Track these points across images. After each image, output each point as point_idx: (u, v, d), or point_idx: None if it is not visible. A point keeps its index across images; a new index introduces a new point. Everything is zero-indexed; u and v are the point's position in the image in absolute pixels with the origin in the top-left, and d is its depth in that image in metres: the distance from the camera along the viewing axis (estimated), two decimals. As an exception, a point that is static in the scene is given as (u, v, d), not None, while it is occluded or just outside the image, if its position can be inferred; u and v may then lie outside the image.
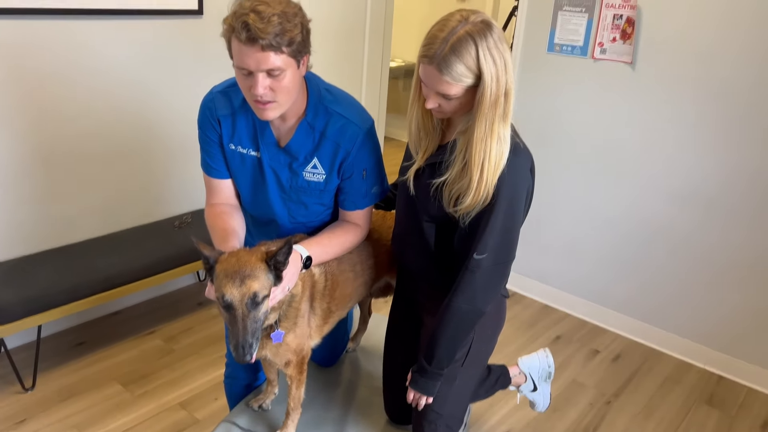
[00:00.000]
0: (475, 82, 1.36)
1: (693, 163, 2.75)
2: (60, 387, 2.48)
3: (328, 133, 1.56)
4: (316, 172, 1.60)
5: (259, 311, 1.34)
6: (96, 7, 2.55)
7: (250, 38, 1.32)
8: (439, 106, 1.42)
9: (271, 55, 1.34)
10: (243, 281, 1.31)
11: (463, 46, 1.32)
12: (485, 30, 1.34)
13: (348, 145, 1.56)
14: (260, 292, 1.32)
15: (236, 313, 1.31)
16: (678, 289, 2.92)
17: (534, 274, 3.41)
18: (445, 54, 1.33)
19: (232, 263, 1.34)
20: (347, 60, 3.55)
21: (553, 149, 3.16)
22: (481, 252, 1.46)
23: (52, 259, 2.58)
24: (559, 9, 2.96)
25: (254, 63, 1.35)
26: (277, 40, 1.33)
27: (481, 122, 1.38)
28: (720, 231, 2.74)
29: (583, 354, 2.97)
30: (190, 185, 3.16)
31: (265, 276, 1.34)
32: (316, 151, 1.58)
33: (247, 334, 1.30)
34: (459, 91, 1.37)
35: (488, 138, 1.38)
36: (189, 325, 2.95)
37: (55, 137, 2.60)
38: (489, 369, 2.00)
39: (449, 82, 1.35)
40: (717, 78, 2.61)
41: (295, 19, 1.37)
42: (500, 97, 1.36)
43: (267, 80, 1.38)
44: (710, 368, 2.91)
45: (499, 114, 1.38)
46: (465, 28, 1.33)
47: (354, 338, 2.16)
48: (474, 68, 1.33)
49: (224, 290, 1.31)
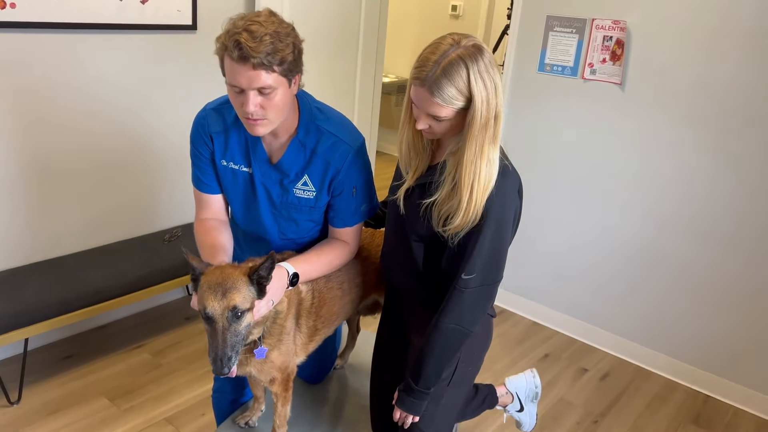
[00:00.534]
0: (466, 104, 1.38)
1: (679, 185, 2.78)
2: (46, 401, 2.47)
3: (319, 150, 1.58)
4: (306, 189, 1.62)
5: (240, 324, 1.34)
6: (91, 22, 2.56)
7: (241, 57, 1.34)
8: (429, 127, 1.44)
9: (263, 73, 1.36)
10: (224, 294, 1.32)
11: (454, 70, 1.34)
12: (476, 54, 1.36)
13: (338, 162, 1.58)
14: (241, 306, 1.33)
15: (217, 325, 1.32)
16: (665, 309, 2.94)
17: (523, 291, 3.43)
18: (437, 77, 1.35)
19: (216, 276, 1.35)
20: (340, 75, 3.58)
21: (543, 168, 3.19)
22: (469, 272, 1.47)
23: (40, 271, 2.57)
24: (550, 29, 3.00)
25: (246, 81, 1.37)
26: (268, 59, 1.35)
27: (471, 144, 1.39)
28: (705, 253, 2.77)
29: (572, 372, 2.98)
30: (180, 199, 3.16)
31: (247, 289, 1.35)
32: (307, 168, 1.59)
33: (226, 347, 1.31)
34: (449, 114, 1.39)
35: (478, 160, 1.40)
36: (177, 340, 2.94)
37: (46, 150, 2.60)
38: (476, 388, 2.00)
39: (440, 105, 1.37)
40: (704, 101, 2.65)
41: (287, 39, 1.39)
42: (490, 120, 1.39)
43: (258, 98, 1.40)
44: (697, 388, 2.92)
45: (488, 136, 1.40)
46: (457, 51, 1.35)
47: (342, 355, 2.16)
48: (465, 91, 1.36)
49: (206, 302, 1.32)
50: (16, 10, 2.34)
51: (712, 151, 2.68)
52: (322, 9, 3.32)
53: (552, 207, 3.21)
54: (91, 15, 2.55)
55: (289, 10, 3.17)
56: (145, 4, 2.71)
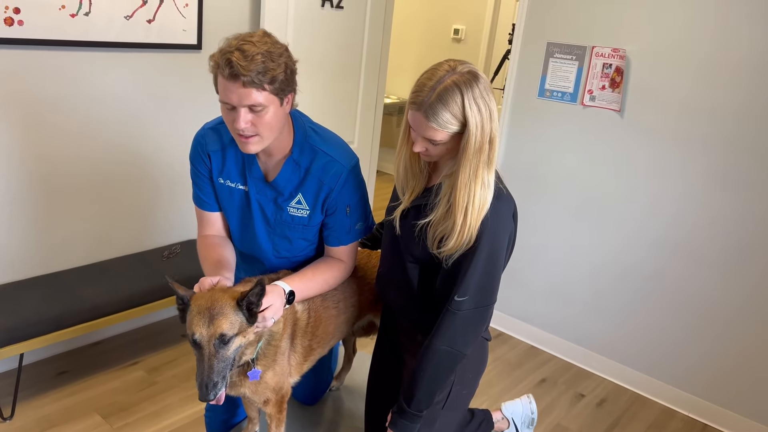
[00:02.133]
0: (461, 129, 1.41)
1: (678, 211, 2.79)
2: (39, 417, 2.45)
3: (313, 170, 1.60)
4: (300, 207, 1.64)
5: (227, 350, 1.34)
6: (98, 40, 2.59)
7: (232, 74, 1.37)
8: (426, 150, 1.47)
9: (253, 91, 1.40)
10: (212, 320, 1.32)
11: (449, 95, 1.37)
12: (471, 80, 1.39)
13: (331, 182, 1.60)
14: (228, 332, 1.32)
15: (204, 351, 1.32)
16: (664, 336, 2.93)
17: (521, 314, 3.42)
18: (432, 102, 1.38)
19: (204, 301, 1.35)
20: (343, 96, 3.61)
21: (541, 192, 3.20)
22: (462, 294, 1.48)
23: (37, 286, 2.57)
24: (550, 56, 3.03)
25: (236, 98, 1.40)
26: (259, 78, 1.38)
27: (465, 167, 1.42)
28: (704, 280, 2.77)
29: (568, 397, 2.96)
30: (180, 216, 3.17)
31: (235, 315, 1.35)
32: (301, 187, 1.62)
33: (213, 373, 1.31)
34: (444, 137, 1.42)
35: (472, 183, 1.42)
36: (173, 357, 2.93)
37: (48, 165, 2.62)
38: (472, 413, 1.99)
39: (435, 129, 1.40)
40: (703, 127, 2.67)
41: (280, 59, 1.42)
42: (485, 144, 1.41)
43: (249, 115, 1.43)
44: (695, 416, 2.90)
45: (483, 160, 1.42)
46: (452, 77, 1.38)
47: (338, 377, 2.15)
48: (459, 116, 1.39)
49: (194, 328, 1.32)
50: (23, 27, 2.37)
51: (712, 177, 2.69)
52: (325, 30, 3.37)
53: (551, 231, 3.21)
54: (97, 33, 2.59)
55: (293, 33, 3.21)
56: (151, 24, 2.74)
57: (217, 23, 3.00)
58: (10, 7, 2.31)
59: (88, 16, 2.54)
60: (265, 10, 3.06)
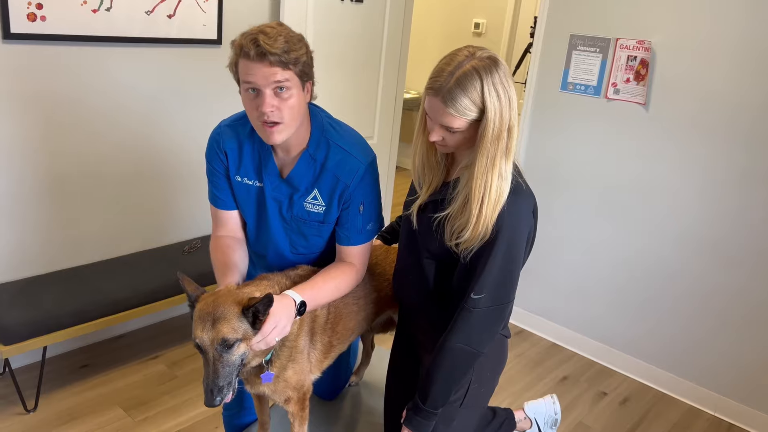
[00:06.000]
0: (479, 116, 1.37)
1: (704, 205, 2.73)
2: (61, 409, 2.48)
3: (329, 165, 1.58)
4: (316, 203, 1.62)
5: (232, 355, 1.31)
6: (119, 35, 2.60)
7: (259, 53, 1.38)
8: (442, 139, 1.43)
9: (279, 70, 1.40)
10: (213, 325, 1.30)
11: (468, 80, 1.34)
12: (491, 66, 1.36)
13: (347, 178, 1.58)
14: (230, 337, 1.30)
15: (207, 356, 1.30)
16: (688, 333, 2.87)
17: (542, 311, 3.38)
18: (451, 87, 1.35)
19: (208, 304, 1.33)
20: (362, 91, 3.59)
21: (563, 186, 3.15)
22: (478, 292, 1.45)
23: (59, 281, 2.60)
24: (573, 48, 2.98)
25: (262, 78, 1.40)
26: (285, 56, 1.40)
27: (482, 156, 1.38)
28: (731, 275, 2.71)
29: (591, 396, 2.92)
30: (200, 211, 3.18)
31: (237, 320, 1.32)
32: (317, 183, 1.60)
33: (218, 378, 1.29)
34: (462, 125, 1.38)
35: (488, 172, 1.39)
36: (193, 351, 2.94)
37: (69, 160, 2.64)
38: (494, 412, 1.96)
39: (453, 115, 1.37)
40: (730, 122, 2.61)
41: (299, 43, 1.45)
42: (503, 132, 1.38)
43: (274, 99, 1.42)
44: (721, 416, 2.84)
45: (501, 149, 1.38)
46: (471, 62, 1.35)
47: (357, 372, 2.14)
48: (478, 102, 1.35)
49: (196, 332, 1.31)
50: (46, 22, 2.38)
51: (737, 171, 2.62)
52: (345, 24, 3.35)
53: (573, 226, 3.17)
54: (119, 29, 2.60)
55: (313, 26, 3.19)
56: (171, 19, 2.75)
57: (236, 17, 3.00)
58: (33, 2, 2.33)
59: (110, 12, 2.55)
60: (284, 3, 3.05)
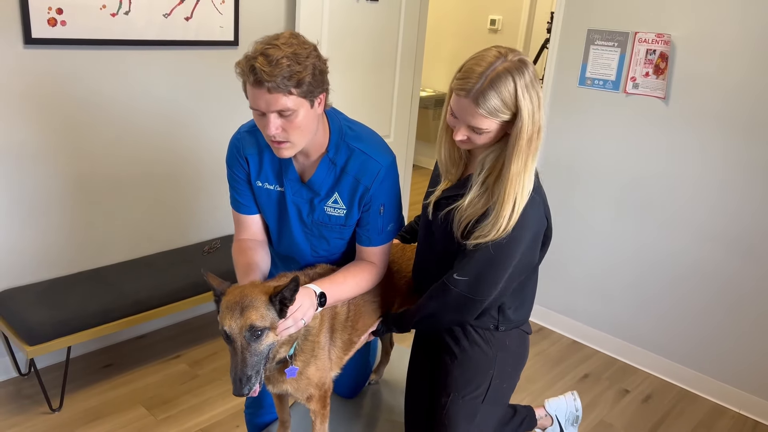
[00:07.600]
0: (510, 117, 1.38)
1: (725, 200, 2.69)
2: (85, 409, 2.51)
3: (349, 168, 1.58)
4: (336, 207, 1.62)
5: (260, 344, 1.33)
6: (138, 38, 2.63)
7: (257, 81, 1.36)
8: (468, 138, 1.43)
9: (281, 96, 1.37)
10: (242, 312, 1.32)
11: (501, 82, 1.34)
12: (522, 68, 1.36)
13: (368, 180, 1.58)
14: (258, 324, 1.32)
15: (236, 345, 1.32)
16: (711, 330, 2.83)
17: (562, 308, 3.36)
18: (484, 88, 1.34)
19: (235, 295, 1.35)
20: (378, 89, 3.59)
21: (583, 182, 3.13)
22: (462, 274, 1.48)
23: (82, 281, 2.63)
24: (591, 43, 2.95)
25: (264, 104, 1.39)
26: (284, 83, 1.35)
27: (517, 159, 1.39)
28: (754, 271, 2.66)
29: (612, 393, 2.89)
30: (220, 211, 3.21)
31: (265, 308, 1.34)
32: (337, 186, 1.60)
33: (246, 367, 1.30)
34: (492, 126, 1.39)
35: (522, 174, 1.40)
36: (214, 350, 2.97)
37: (91, 162, 2.67)
38: (514, 409, 1.96)
39: (484, 116, 1.37)
40: (752, 116, 2.56)
41: (307, 60, 1.38)
42: (534, 134, 1.39)
43: (279, 120, 1.41)
44: (746, 413, 2.80)
45: (532, 150, 1.41)
46: (504, 64, 1.35)
47: (376, 370, 2.14)
48: (511, 104, 1.36)
49: (224, 321, 1.32)
50: (66, 27, 2.42)
51: (758, 166, 2.58)
52: (361, 24, 3.35)
53: (592, 222, 3.14)
54: (137, 32, 2.62)
55: (328, 26, 3.20)
56: (188, 21, 2.77)
57: (253, 19, 3.01)
58: (53, 8, 2.36)
59: (128, 15, 2.58)
60: (300, 3, 3.06)
